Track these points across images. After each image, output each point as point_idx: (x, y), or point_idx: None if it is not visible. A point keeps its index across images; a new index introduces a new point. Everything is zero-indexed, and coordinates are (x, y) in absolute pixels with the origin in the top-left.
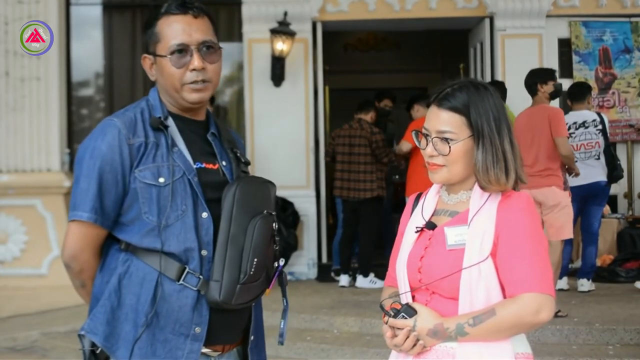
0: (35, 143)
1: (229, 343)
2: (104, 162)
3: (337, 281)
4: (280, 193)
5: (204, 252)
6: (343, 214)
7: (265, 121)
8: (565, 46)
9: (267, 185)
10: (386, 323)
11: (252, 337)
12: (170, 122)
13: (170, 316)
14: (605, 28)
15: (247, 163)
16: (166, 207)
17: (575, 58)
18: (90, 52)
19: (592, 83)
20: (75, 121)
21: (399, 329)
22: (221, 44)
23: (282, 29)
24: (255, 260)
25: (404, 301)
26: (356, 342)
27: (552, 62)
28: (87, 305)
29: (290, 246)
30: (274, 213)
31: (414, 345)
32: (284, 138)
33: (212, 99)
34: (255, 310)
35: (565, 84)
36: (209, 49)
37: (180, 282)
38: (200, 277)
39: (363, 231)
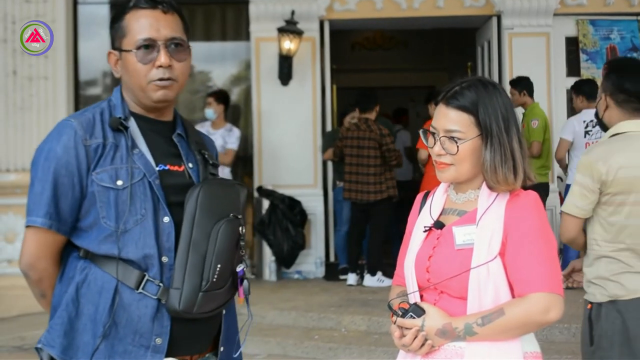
0: None
1: (196, 353)
2: (59, 164)
3: (345, 280)
4: (287, 192)
5: (164, 259)
6: (351, 214)
7: (273, 120)
8: (572, 44)
9: (236, 187)
10: (394, 323)
11: (221, 348)
12: (132, 122)
13: (129, 326)
14: (612, 26)
15: (216, 165)
16: (124, 212)
17: (582, 56)
18: (97, 51)
19: (599, 82)
20: None
21: (407, 328)
22: (229, 43)
23: (290, 28)
24: (219, 266)
25: (412, 301)
26: (364, 340)
27: (559, 60)
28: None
29: (297, 245)
30: (240, 216)
31: (423, 345)
32: (291, 137)
33: (226, 100)
34: (227, 318)
35: (572, 82)
36: (177, 47)
37: (140, 290)
38: (161, 285)
39: (372, 230)
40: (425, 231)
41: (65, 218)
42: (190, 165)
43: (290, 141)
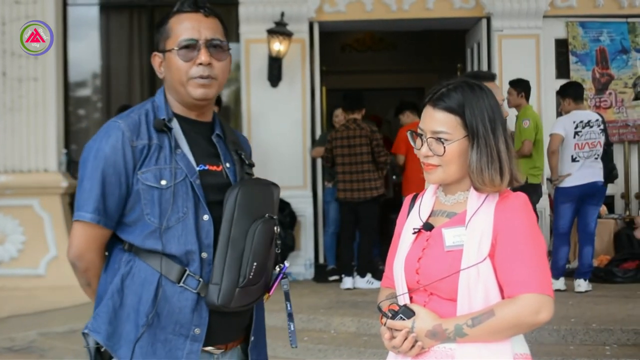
0: (32, 143)
1: (231, 341)
2: (107, 163)
3: (334, 282)
4: None
5: (204, 255)
6: (341, 216)
7: (263, 121)
8: (562, 46)
9: (270, 187)
10: (384, 325)
11: (252, 338)
12: (175, 123)
13: (170, 317)
14: (602, 28)
15: (252, 165)
16: (167, 209)
17: (572, 58)
18: (87, 53)
19: (589, 83)
20: (73, 121)
21: (397, 330)
22: None
23: (279, 30)
24: (255, 264)
25: (401, 302)
26: (353, 342)
27: (549, 62)
28: (90, 305)
29: (287, 247)
30: (275, 217)
31: (413, 346)
32: (281, 138)
33: (218, 101)
34: (257, 311)
35: (561, 84)
36: (216, 47)
37: (180, 284)
38: (200, 279)
39: (363, 232)
40: (415, 233)
41: (111, 213)
42: (228, 165)
43: (280, 143)
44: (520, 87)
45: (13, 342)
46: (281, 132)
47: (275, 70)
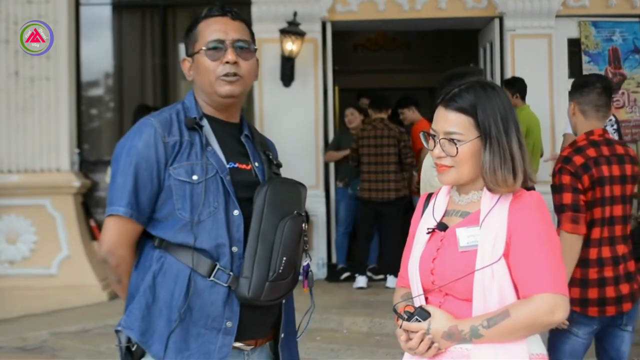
0: (44, 143)
1: (260, 337)
2: (140, 159)
3: (346, 281)
4: None
5: (234, 249)
6: (362, 214)
7: (275, 121)
8: (574, 46)
9: (297, 186)
10: (400, 326)
11: (282, 335)
12: (205, 122)
13: (202, 311)
14: (614, 28)
15: (279, 165)
16: (199, 204)
17: (584, 58)
18: (100, 52)
19: None
20: (85, 121)
21: (413, 332)
22: None
23: (292, 29)
24: (285, 258)
25: (417, 304)
26: (365, 342)
27: (561, 62)
28: (101, 305)
29: None
30: (303, 214)
31: (429, 348)
32: (293, 138)
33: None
34: (286, 308)
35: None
36: (243, 47)
37: (211, 278)
38: (231, 273)
39: (390, 232)
40: (429, 233)
41: (143, 208)
42: (257, 164)
43: (292, 142)
44: (515, 87)
45: (25, 341)
46: (293, 131)
47: (287, 70)
